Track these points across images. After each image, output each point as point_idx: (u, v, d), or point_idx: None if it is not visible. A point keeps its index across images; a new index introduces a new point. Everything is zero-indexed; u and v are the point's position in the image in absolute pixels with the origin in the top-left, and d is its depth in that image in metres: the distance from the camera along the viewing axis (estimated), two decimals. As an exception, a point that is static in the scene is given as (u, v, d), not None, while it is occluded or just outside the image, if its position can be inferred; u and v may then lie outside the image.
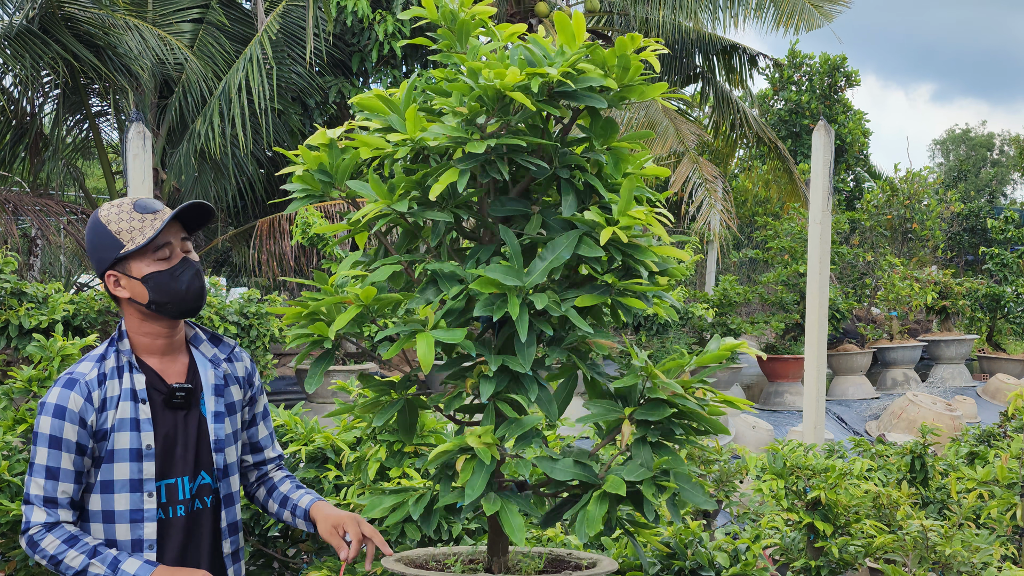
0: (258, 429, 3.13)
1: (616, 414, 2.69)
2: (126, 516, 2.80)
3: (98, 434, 2.80)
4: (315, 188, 2.86)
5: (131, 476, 2.80)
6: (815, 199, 8.53)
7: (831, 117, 25.59)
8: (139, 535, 2.80)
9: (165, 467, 2.86)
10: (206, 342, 3.02)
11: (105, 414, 2.80)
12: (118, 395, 2.82)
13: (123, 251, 2.80)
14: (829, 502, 4.71)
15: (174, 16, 13.90)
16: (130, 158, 7.05)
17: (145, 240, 2.78)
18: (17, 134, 13.50)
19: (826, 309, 8.29)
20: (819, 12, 16.41)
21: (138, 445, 2.81)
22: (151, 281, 2.81)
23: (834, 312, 13.11)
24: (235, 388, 3.02)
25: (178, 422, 2.89)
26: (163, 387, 2.88)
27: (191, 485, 2.89)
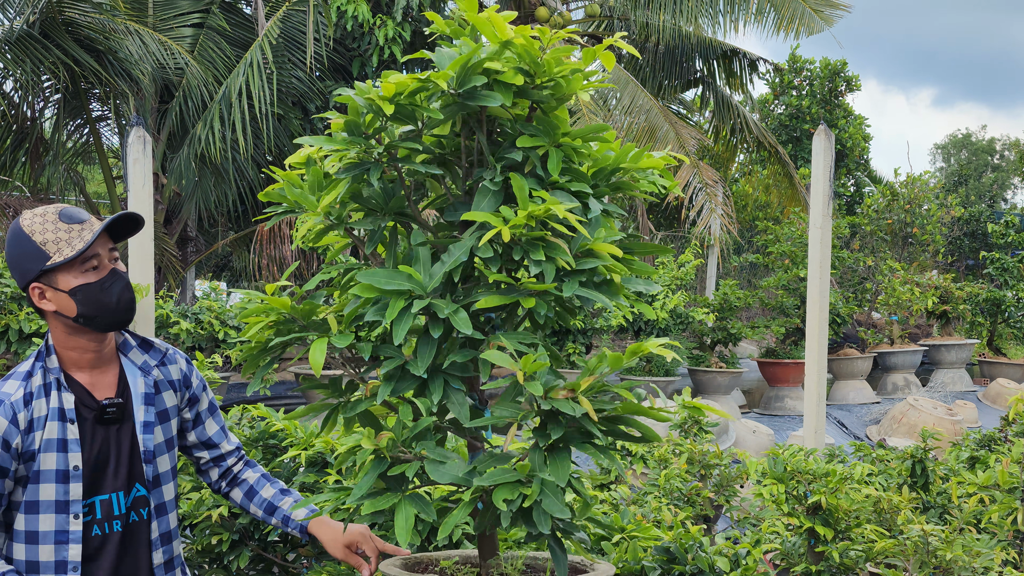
0: (206, 427, 3.07)
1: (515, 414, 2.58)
2: (50, 537, 2.72)
3: (24, 455, 2.70)
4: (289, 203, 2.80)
5: (57, 497, 2.72)
6: (815, 204, 8.53)
7: (831, 122, 25.61)
8: (63, 556, 2.72)
9: (96, 484, 2.78)
10: (135, 348, 2.93)
11: (32, 435, 2.71)
12: (45, 415, 2.73)
13: (49, 263, 2.70)
14: (830, 507, 4.70)
15: (175, 21, 13.91)
16: (130, 162, 7.05)
17: (75, 252, 2.68)
18: (18, 139, 13.51)
19: (827, 314, 8.28)
20: (819, 17, 16.42)
21: (65, 466, 2.73)
22: (79, 294, 2.72)
23: (834, 317, 13.10)
24: (168, 394, 2.95)
25: (110, 437, 2.81)
26: (93, 403, 2.80)
27: (126, 499, 2.83)
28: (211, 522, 4.42)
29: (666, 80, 18.81)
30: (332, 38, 13.91)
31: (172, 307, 8.22)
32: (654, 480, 5.73)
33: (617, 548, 3.45)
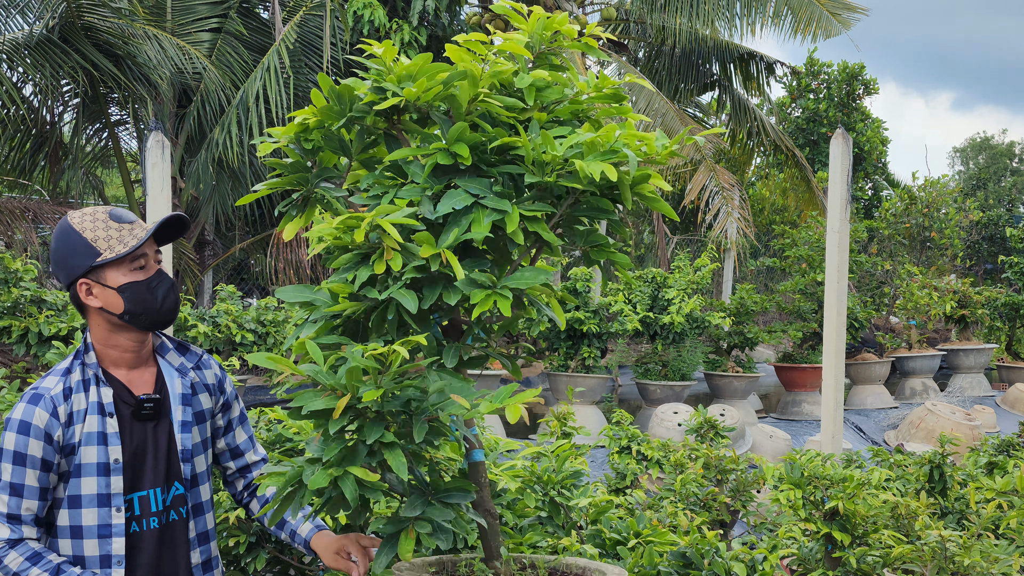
0: (235, 434, 3.11)
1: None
2: (94, 531, 2.76)
3: (65, 449, 2.76)
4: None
5: (99, 491, 2.76)
6: (833, 207, 8.50)
7: (849, 125, 25.54)
8: (107, 551, 2.77)
9: (136, 480, 2.82)
10: (173, 351, 2.98)
11: (72, 428, 2.76)
12: (85, 409, 2.78)
13: (99, 259, 2.76)
14: (847, 512, 4.68)
15: (193, 26, 13.97)
16: (149, 167, 7.08)
17: (127, 249, 2.75)
18: (37, 143, 13.58)
19: (844, 318, 8.26)
20: (837, 20, 16.36)
21: (105, 459, 2.77)
22: (127, 291, 2.78)
23: (852, 321, 13.05)
24: (204, 396, 3.00)
25: (148, 434, 2.85)
26: (131, 399, 2.85)
27: (164, 496, 2.86)
28: (228, 524, 4.45)
29: (682, 83, 18.79)
30: (348, 42, 13.94)
31: (190, 310, 8.26)
32: (670, 485, 5.72)
33: (633, 553, 3.45)
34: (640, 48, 19.60)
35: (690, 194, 15.23)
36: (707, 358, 12.20)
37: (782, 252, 13.93)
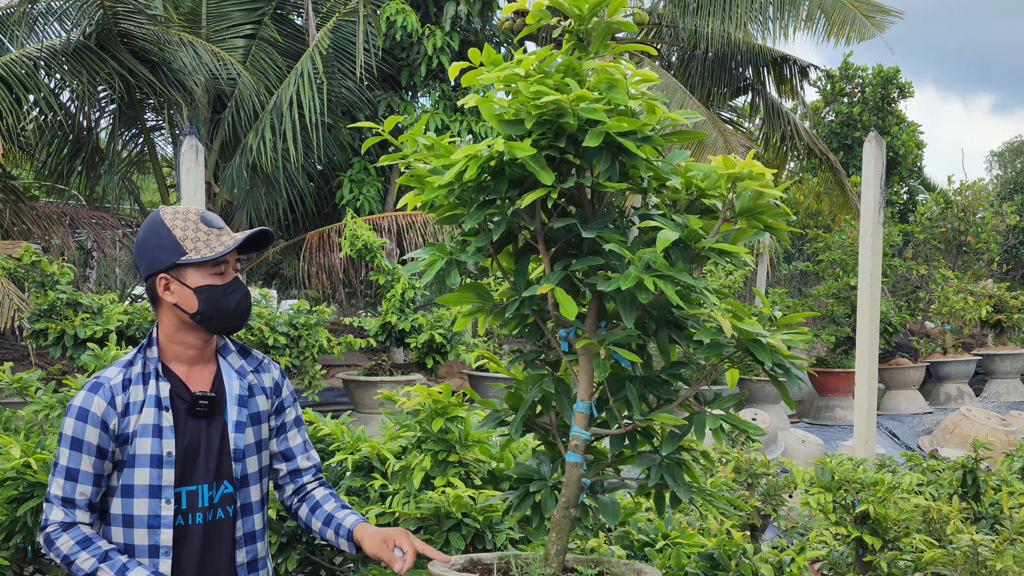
0: (288, 437, 3.13)
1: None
2: (144, 521, 2.83)
3: (120, 438, 2.83)
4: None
5: (151, 482, 2.83)
6: (866, 211, 8.46)
7: (884, 129, 25.36)
8: (156, 541, 2.83)
9: (186, 474, 2.88)
10: (234, 353, 3.05)
11: (128, 419, 2.84)
12: (142, 400, 2.85)
13: (184, 259, 2.83)
14: (878, 516, 4.66)
15: (228, 32, 14.08)
16: (183, 171, 7.16)
17: (214, 255, 2.82)
18: (74, 148, 13.74)
19: (877, 322, 8.21)
20: (870, 23, 16.27)
21: (159, 451, 2.84)
22: (204, 293, 2.85)
23: (886, 326, 12.97)
24: (261, 398, 3.04)
25: (201, 430, 2.91)
26: (187, 395, 2.91)
27: (212, 493, 2.91)
28: (259, 525, 4.48)
29: (715, 87, 18.73)
30: (381, 48, 14.01)
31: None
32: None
33: (661, 555, 3.45)
34: (673, 52, 19.56)
35: (722, 198, 15.16)
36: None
37: (815, 256, 13.85)
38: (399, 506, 4.11)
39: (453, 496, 3.90)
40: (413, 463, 4.17)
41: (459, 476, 4.24)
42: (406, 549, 2.90)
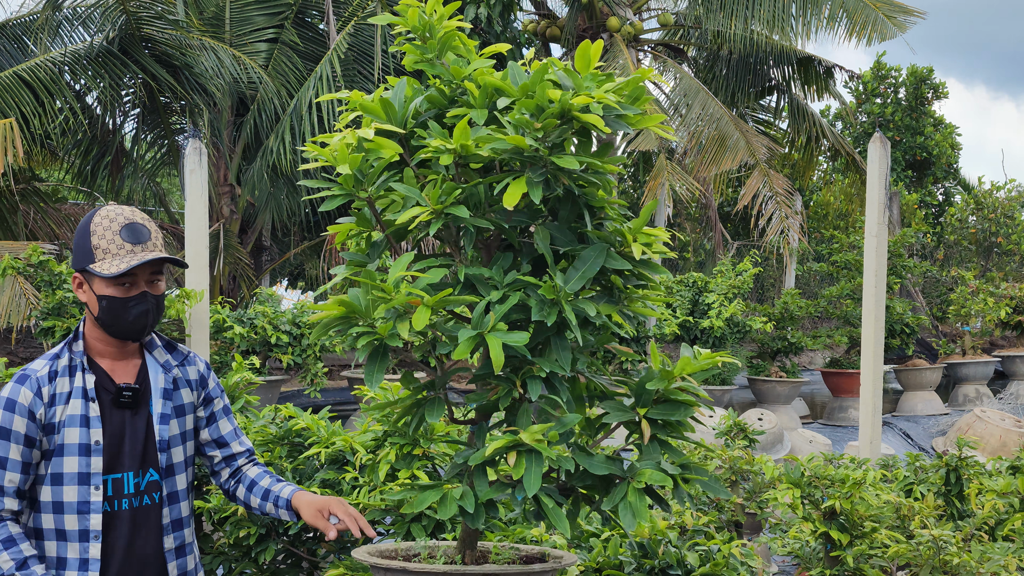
0: (219, 425, 3.27)
1: (628, 415, 2.79)
2: (74, 507, 2.96)
3: (47, 427, 2.97)
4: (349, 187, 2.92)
5: (79, 469, 2.96)
6: (871, 212, 8.48)
7: (917, 129, 25.20)
8: (86, 526, 2.96)
9: (111, 462, 3.01)
10: (160, 348, 3.17)
11: (54, 409, 2.97)
12: (69, 392, 2.99)
13: (92, 267, 2.96)
14: (845, 511, 4.72)
15: (250, 36, 14.28)
16: (187, 173, 7.33)
17: (108, 274, 2.92)
18: (100, 151, 13.99)
19: (883, 323, 8.23)
20: (892, 23, 16.20)
21: (87, 440, 2.97)
22: (105, 302, 2.98)
23: (903, 327, 12.94)
24: (186, 391, 3.18)
25: (126, 420, 3.04)
26: (112, 387, 3.04)
27: (138, 480, 3.04)
28: (238, 516, 4.61)
29: (739, 89, 18.72)
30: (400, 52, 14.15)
31: (228, 312, 8.50)
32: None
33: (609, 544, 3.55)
34: (699, 53, 19.57)
35: (743, 199, 15.20)
36: (750, 363, 12.18)
37: (829, 257, 13.85)
38: (365, 498, 4.24)
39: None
40: (379, 456, 4.30)
41: (424, 469, 4.36)
42: (341, 516, 3.02)
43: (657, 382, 2.75)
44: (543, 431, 2.62)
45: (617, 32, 16.73)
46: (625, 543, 3.44)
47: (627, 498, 2.67)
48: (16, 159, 10.06)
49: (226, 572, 4.83)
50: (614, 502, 2.69)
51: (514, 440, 2.63)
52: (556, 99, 2.65)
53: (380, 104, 2.88)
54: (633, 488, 2.68)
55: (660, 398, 2.78)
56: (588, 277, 2.71)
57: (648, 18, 18.33)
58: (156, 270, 3.03)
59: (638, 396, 2.79)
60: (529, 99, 2.70)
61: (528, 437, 2.62)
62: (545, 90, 2.67)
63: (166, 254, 3.01)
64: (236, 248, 13.34)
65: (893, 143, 24.98)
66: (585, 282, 2.72)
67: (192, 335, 6.95)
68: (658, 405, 2.78)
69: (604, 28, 17.04)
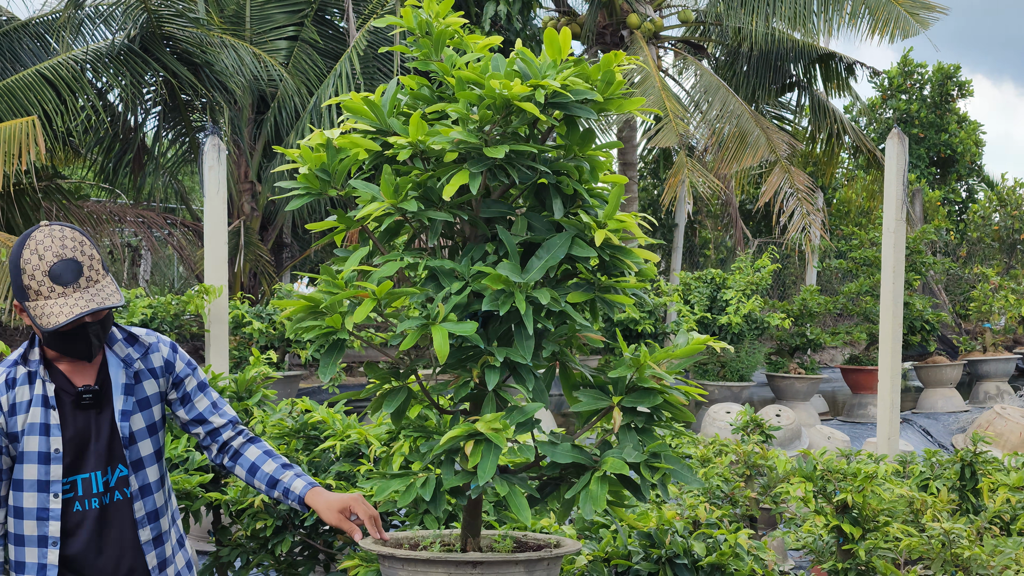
0: (195, 403, 3.24)
1: (604, 402, 2.81)
2: (33, 513, 2.99)
3: (10, 435, 2.98)
4: (315, 187, 3.02)
5: (39, 477, 2.98)
6: (888, 208, 8.48)
7: (941, 127, 25.08)
8: (44, 532, 2.99)
9: (77, 463, 3.02)
10: (120, 342, 3.13)
11: (15, 418, 2.97)
12: (28, 400, 2.98)
13: (26, 304, 2.90)
14: (857, 505, 4.73)
15: (271, 34, 14.36)
16: (206, 169, 7.40)
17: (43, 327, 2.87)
18: (122, 149, 14.10)
19: (900, 319, 8.22)
20: (915, 20, 16.14)
21: (46, 449, 2.98)
22: (46, 336, 2.94)
23: (923, 324, 12.90)
24: (149, 383, 3.14)
25: (90, 421, 3.03)
26: (72, 389, 3.02)
27: (108, 478, 3.05)
28: (255, 508, 4.67)
29: (760, 85, 18.68)
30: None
31: (247, 308, 8.56)
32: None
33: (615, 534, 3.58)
34: (719, 50, 19.54)
35: (764, 196, 15.18)
36: (769, 359, 12.17)
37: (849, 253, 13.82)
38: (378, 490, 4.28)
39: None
40: (394, 449, 4.34)
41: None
42: (361, 516, 3.04)
43: (624, 369, 2.76)
44: (498, 420, 2.65)
45: (637, 29, 16.73)
46: (633, 533, 3.47)
47: (589, 486, 2.68)
48: (39, 157, 10.14)
49: (243, 564, 4.89)
50: (576, 491, 2.70)
51: (470, 429, 2.66)
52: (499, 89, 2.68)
53: (364, 103, 2.93)
54: (596, 477, 2.69)
55: (632, 386, 2.79)
56: (551, 265, 2.72)
57: (668, 15, 18.32)
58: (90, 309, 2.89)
59: (614, 385, 2.80)
60: (471, 91, 2.74)
61: (483, 426, 2.64)
62: (490, 81, 2.70)
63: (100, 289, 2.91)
64: (256, 245, 13.41)
65: (917, 140, 24.84)
66: (547, 270, 2.74)
67: (211, 330, 7.01)
68: (631, 394, 2.78)
69: (624, 25, 17.04)
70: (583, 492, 2.68)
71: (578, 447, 2.79)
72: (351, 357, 11.98)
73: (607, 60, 2.82)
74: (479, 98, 2.76)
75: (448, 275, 2.85)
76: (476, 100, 2.77)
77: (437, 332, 2.68)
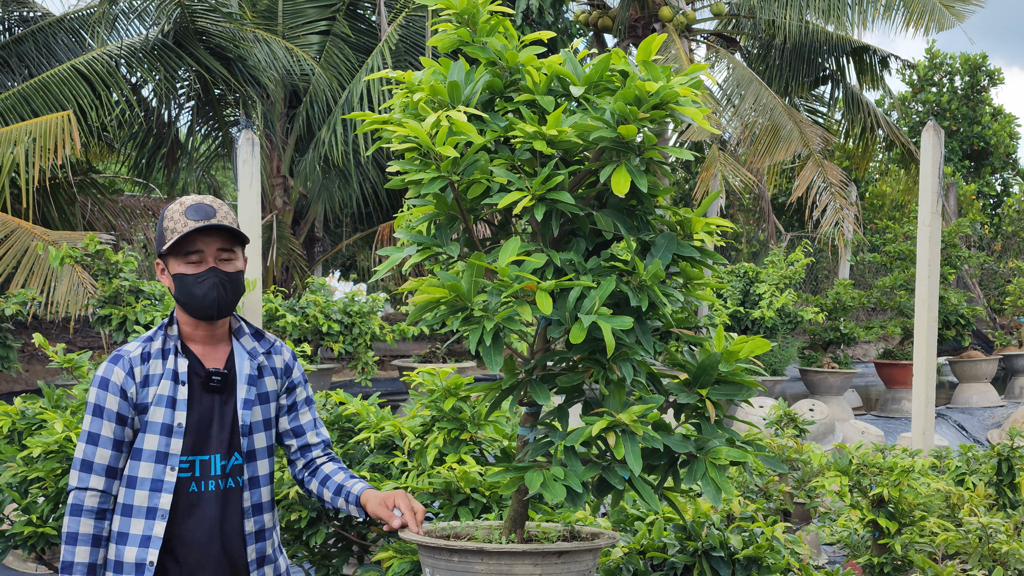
0: (299, 415, 3.32)
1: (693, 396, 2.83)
2: (147, 484, 3.05)
3: (139, 407, 3.05)
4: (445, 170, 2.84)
5: (158, 448, 3.05)
6: (924, 201, 8.40)
7: (974, 119, 24.87)
8: (155, 504, 3.04)
9: (199, 444, 3.09)
10: (248, 336, 3.23)
11: (147, 389, 3.05)
12: (160, 374, 3.07)
13: (162, 248, 3.04)
14: (892, 499, 4.70)
15: (302, 29, 14.42)
16: (240, 163, 7.44)
17: (166, 246, 3.01)
18: (155, 143, 14.20)
19: (936, 313, 8.15)
20: (950, 12, 16.00)
21: (170, 421, 3.05)
22: (177, 281, 3.04)
23: (958, 318, 12.79)
24: (270, 379, 3.23)
25: (215, 405, 3.12)
26: (202, 371, 3.11)
27: (224, 463, 3.12)
28: (289, 500, 4.69)
29: (793, 78, 18.58)
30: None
31: (281, 301, 8.62)
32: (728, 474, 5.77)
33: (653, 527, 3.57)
34: (752, 43, 19.44)
35: (797, 190, 15.09)
36: (802, 354, 12.12)
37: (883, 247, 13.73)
38: (413, 481, 4.29)
39: (461, 472, 4.06)
40: (428, 441, 4.35)
41: (472, 454, 4.41)
42: (404, 509, 3.06)
43: (723, 363, 2.81)
44: (640, 412, 2.67)
45: (669, 22, 16.67)
46: (669, 525, 3.46)
47: (708, 474, 2.72)
48: (74, 151, 10.23)
49: (278, 555, 4.91)
50: (695, 478, 2.73)
51: (613, 421, 2.67)
52: (654, 91, 2.68)
53: (448, 87, 2.84)
54: (712, 464, 2.72)
55: (721, 379, 2.80)
56: (664, 263, 2.76)
57: (700, 8, 18.24)
58: (225, 247, 3.06)
59: (696, 377, 2.81)
60: (628, 90, 2.72)
61: (627, 417, 2.66)
62: (634, 82, 2.71)
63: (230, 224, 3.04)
64: (289, 239, 13.48)
65: (950, 133, 24.64)
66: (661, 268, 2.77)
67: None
68: (719, 386, 2.80)
69: (656, 18, 16.99)
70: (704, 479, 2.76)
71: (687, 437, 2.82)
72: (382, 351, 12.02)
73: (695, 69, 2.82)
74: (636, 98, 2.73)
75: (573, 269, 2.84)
76: (633, 99, 2.73)
77: (604, 326, 2.66)
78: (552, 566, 2.73)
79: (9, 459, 4.44)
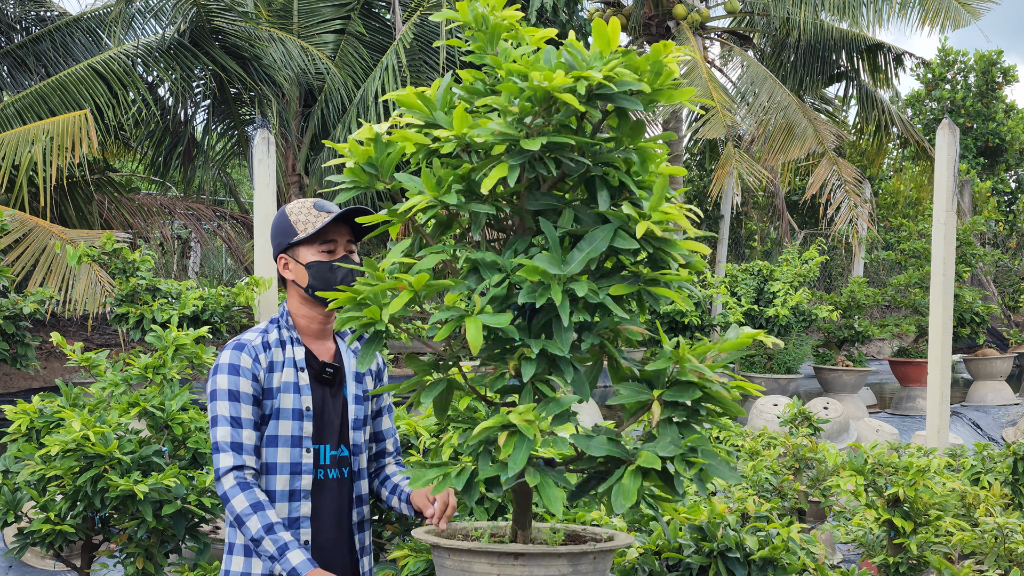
0: (382, 420, 3.46)
1: (645, 396, 2.80)
2: (287, 468, 3.15)
3: (266, 392, 3.16)
4: (362, 180, 3.04)
5: (292, 433, 3.16)
6: (939, 199, 8.38)
7: (989, 116, 24.76)
8: (297, 486, 3.15)
9: (318, 432, 3.21)
10: (350, 336, 3.28)
11: (272, 375, 3.17)
12: (282, 361, 3.19)
13: (295, 238, 3.17)
14: (908, 499, 4.71)
15: (317, 28, 14.44)
16: (256, 163, 7.45)
17: (313, 231, 3.16)
18: (172, 142, 14.26)
19: (951, 311, 8.13)
20: (966, 10, 15.96)
21: (299, 406, 3.17)
22: (313, 268, 3.18)
23: (973, 316, 12.76)
24: (368, 379, 3.37)
25: (326, 396, 3.24)
26: (315, 363, 3.23)
27: (335, 453, 3.23)
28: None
29: (807, 76, 18.55)
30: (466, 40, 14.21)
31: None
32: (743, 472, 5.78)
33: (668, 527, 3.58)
34: (766, 41, 19.41)
35: (811, 188, 15.08)
36: (817, 352, 12.11)
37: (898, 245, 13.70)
38: (429, 480, 4.31)
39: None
40: (443, 440, 4.37)
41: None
42: (439, 501, 3.11)
43: (663, 362, 2.74)
44: (531, 411, 2.65)
45: (683, 19, 16.67)
46: (684, 526, 3.47)
47: (622, 480, 2.67)
48: (91, 150, 10.29)
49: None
50: (609, 484, 2.70)
51: (504, 420, 2.67)
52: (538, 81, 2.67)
53: (416, 97, 2.95)
54: (629, 471, 2.67)
55: (672, 380, 2.77)
56: (592, 257, 2.70)
57: (715, 5, 18.23)
58: (351, 239, 3.25)
59: (656, 378, 2.80)
60: (513, 83, 2.74)
61: (516, 417, 2.65)
62: (532, 73, 2.70)
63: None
64: (302, 237, 13.50)
65: (964, 130, 24.55)
66: (594, 263, 2.74)
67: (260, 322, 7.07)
68: (672, 387, 2.77)
69: (670, 16, 16.99)
70: (616, 486, 2.67)
71: (615, 441, 2.76)
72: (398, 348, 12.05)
73: (656, 51, 2.81)
74: (519, 90, 2.76)
75: (489, 267, 2.85)
76: (517, 92, 2.77)
77: (471, 324, 2.68)
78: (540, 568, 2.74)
79: (27, 457, 4.48)
